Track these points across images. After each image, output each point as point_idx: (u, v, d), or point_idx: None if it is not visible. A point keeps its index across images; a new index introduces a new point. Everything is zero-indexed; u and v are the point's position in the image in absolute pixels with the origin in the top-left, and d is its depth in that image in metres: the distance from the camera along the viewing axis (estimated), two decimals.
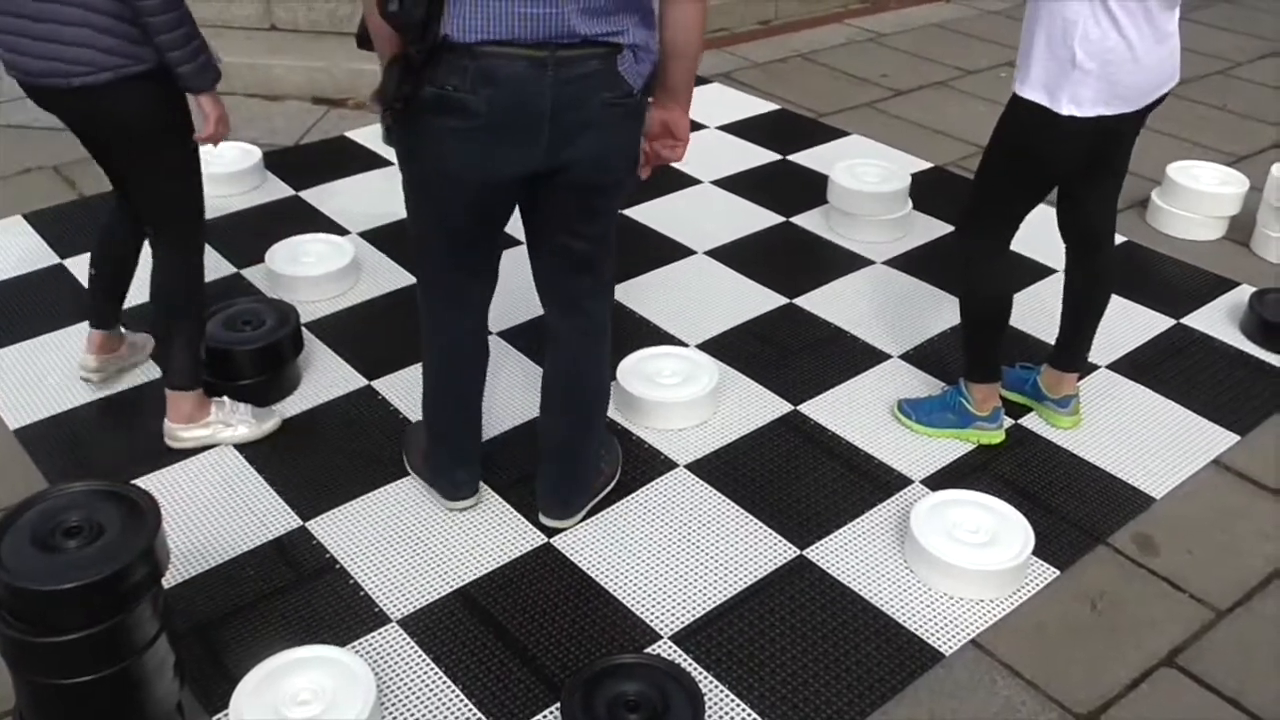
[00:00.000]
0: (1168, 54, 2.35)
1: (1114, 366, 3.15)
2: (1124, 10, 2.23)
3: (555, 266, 2.31)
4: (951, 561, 2.38)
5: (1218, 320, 3.39)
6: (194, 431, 2.76)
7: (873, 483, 2.71)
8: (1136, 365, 3.17)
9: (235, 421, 2.78)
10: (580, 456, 2.53)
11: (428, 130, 2.03)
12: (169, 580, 2.28)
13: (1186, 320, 3.39)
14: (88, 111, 2.39)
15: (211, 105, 2.42)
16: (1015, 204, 2.58)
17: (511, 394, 2.98)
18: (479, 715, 2.11)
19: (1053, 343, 2.92)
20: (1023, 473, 2.75)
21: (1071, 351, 2.86)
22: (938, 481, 2.71)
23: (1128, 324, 3.35)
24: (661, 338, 3.24)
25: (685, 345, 3.20)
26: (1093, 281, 2.79)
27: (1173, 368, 3.16)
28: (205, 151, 4.10)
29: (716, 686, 2.18)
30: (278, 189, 4.11)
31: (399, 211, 2.29)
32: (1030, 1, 2.34)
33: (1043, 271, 3.58)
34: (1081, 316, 2.83)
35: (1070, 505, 2.65)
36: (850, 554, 2.50)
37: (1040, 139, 2.41)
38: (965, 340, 2.81)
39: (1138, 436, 2.88)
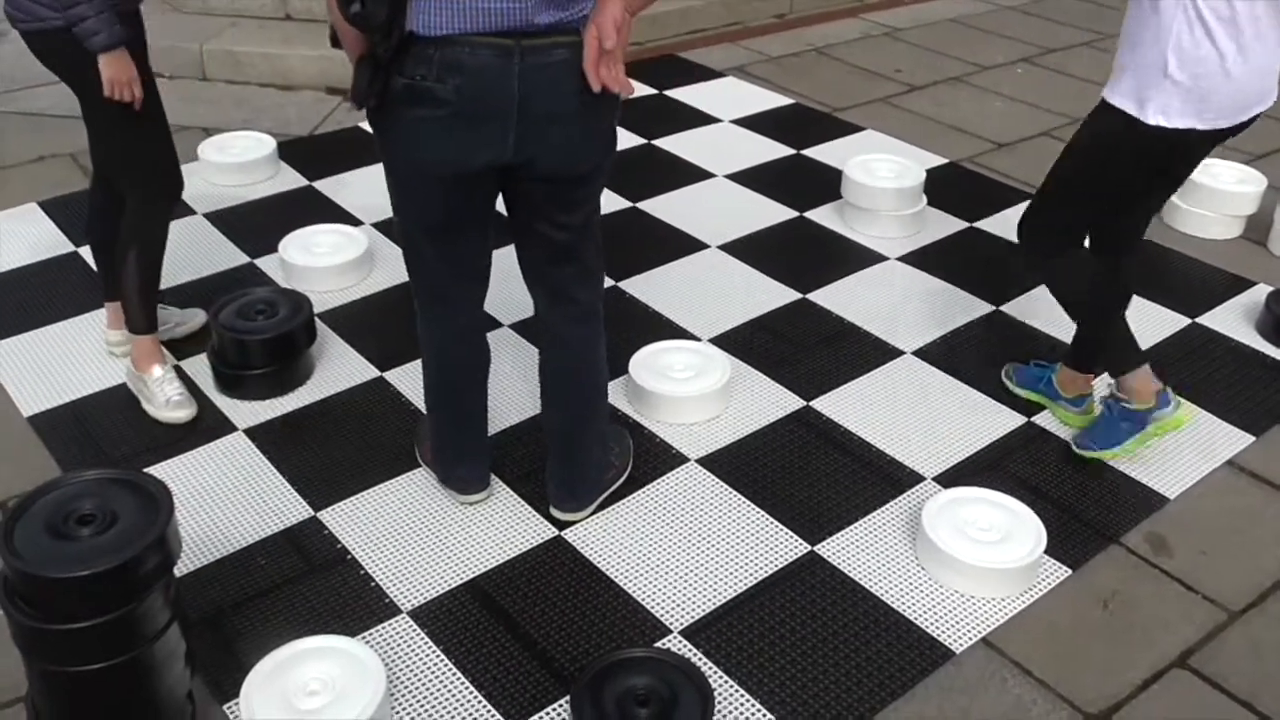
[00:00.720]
0: (1265, 71, 2.31)
1: None
2: (1219, 21, 2.21)
3: (538, 257, 2.31)
4: (963, 559, 2.37)
5: (1234, 320, 3.37)
6: (135, 384, 2.87)
7: (885, 479, 2.71)
8: (1151, 364, 3.14)
9: (158, 396, 2.82)
10: (585, 447, 2.52)
11: (400, 122, 2.04)
12: (181, 569, 2.28)
13: (1202, 319, 3.37)
14: (40, 54, 2.57)
15: (104, 66, 2.49)
16: (1086, 210, 2.56)
17: (523, 386, 2.98)
18: (488, 707, 2.12)
19: (1068, 340, 2.90)
20: (1036, 471, 2.74)
21: (1087, 350, 2.84)
22: (950, 478, 2.70)
23: (1143, 323, 3.32)
24: (674, 332, 3.23)
25: (698, 339, 3.19)
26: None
27: (1188, 367, 3.14)
28: (221, 142, 4.14)
29: (726, 681, 2.17)
30: (291, 179, 4.12)
31: None
32: (1129, 8, 2.33)
33: None
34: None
35: (1083, 504, 2.64)
36: (861, 550, 2.50)
37: (1124, 147, 2.39)
38: (1091, 343, 2.76)
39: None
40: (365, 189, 4.02)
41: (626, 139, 4.45)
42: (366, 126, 4.49)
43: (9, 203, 3.90)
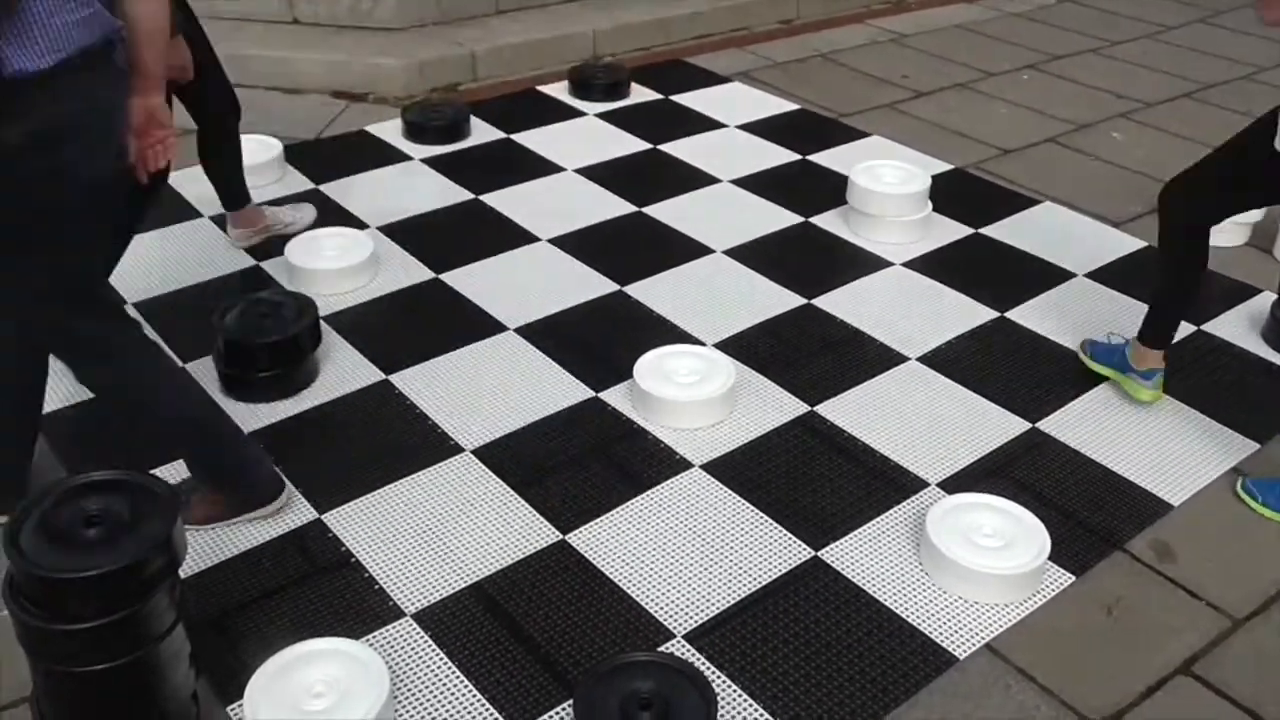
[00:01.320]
0: None
1: None
2: None
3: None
4: (967, 565, 2.37)
5: (1239, 327, 3.37)
6: (253, 240, 3.58)
7: (889, 485, 2.71)
8: None
9: (285, 220, 3.56)
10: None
11: None
12: (186, 570, 2.29)
13: (1207, 327, 3.37)
14: None
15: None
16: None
17: (525, 391, 2.98)
18: (491, 710, 2.12)
19: (1072, 347, 2.90)
20: (1040, 477, 2.74)
21: (1164, 327, 2.89)
22: (954, 485, 2.70)
23: None
24: (679, 336, 3.24)
25: (703, 344, 3.19)
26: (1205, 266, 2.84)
27: (1193, 374, 3.14)
28: None
29: (729, 686, 2.18)
30: (298, 182, 4.12)
31: (418, 206, 2.30)
32: None
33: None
34: (1186, 297, 2.88)
35: (1087, 511, 2.64)
36: (865, 556, 2.50)
37: None
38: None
39: (1156, 443, 2.87)
40: (371, 192, 4.02)
41: (633, 144, 4.46)
42: (374, 131, 4.52)
43: None
